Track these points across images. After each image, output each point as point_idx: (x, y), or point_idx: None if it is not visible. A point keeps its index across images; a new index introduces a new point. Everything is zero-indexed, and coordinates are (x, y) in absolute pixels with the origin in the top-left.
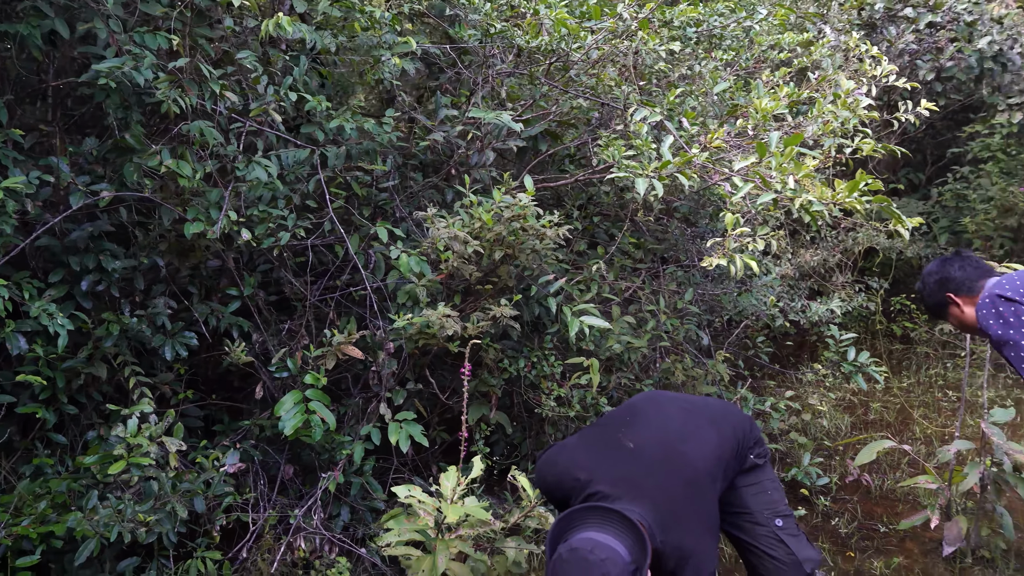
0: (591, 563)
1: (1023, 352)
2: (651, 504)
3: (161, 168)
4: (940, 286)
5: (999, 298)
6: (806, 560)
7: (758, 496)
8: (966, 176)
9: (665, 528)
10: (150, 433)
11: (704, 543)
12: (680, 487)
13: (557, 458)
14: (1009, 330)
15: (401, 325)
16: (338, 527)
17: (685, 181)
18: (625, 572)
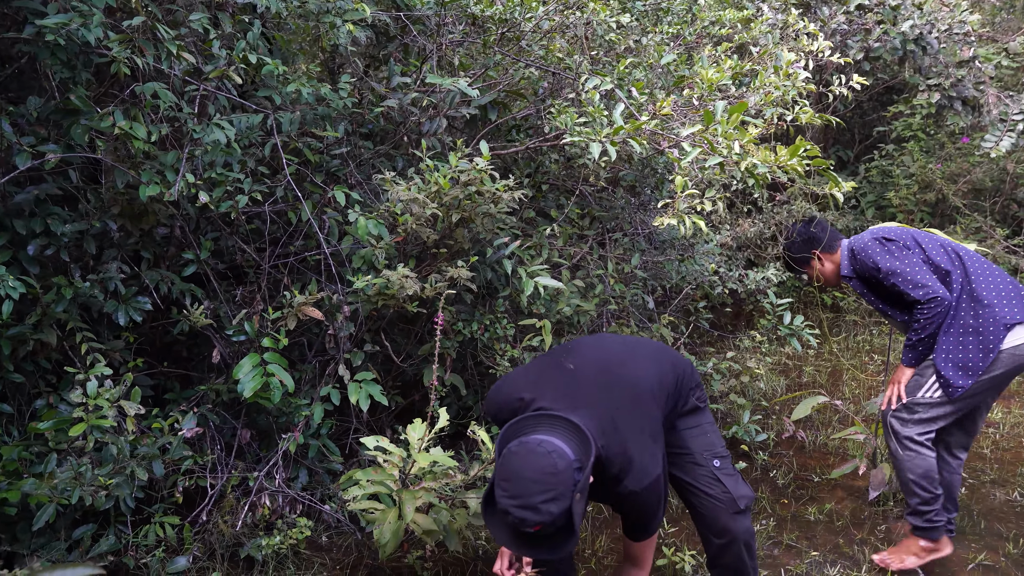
0: (539, 454)
1: (908, 276)
2: (593, 413)
3: (115, 130)
4: (807, 244)
5: (883, 239)
6: (740, 497)
7: (698, 438)
8: (891, 153)
9: (606, 434)
10: (108, 396)
11: (647, 449)
12: (620, 400)
13: (502, 386)
14: (895, 262)
15: (361, 286)
16: (297, 489)
17: (636, 146)
18: (570, 467)
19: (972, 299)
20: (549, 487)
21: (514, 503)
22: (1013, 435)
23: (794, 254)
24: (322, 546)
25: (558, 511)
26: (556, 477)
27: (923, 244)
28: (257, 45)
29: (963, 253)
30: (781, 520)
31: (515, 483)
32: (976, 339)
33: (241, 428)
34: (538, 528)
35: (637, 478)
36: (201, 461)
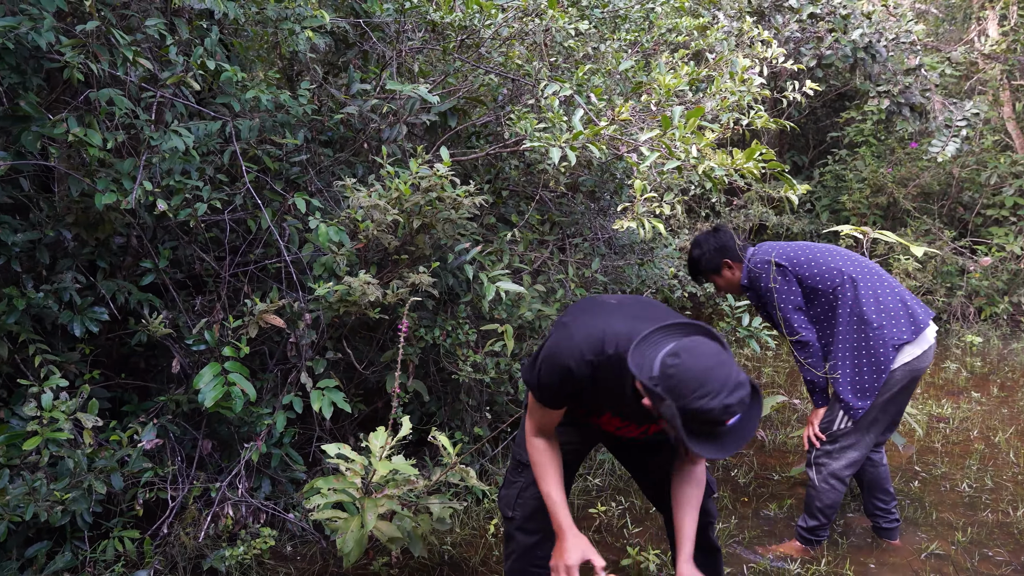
0: (701, 349)
1: (784, 313)
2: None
3: (68, 137)
4: (719, 253)
5: (777, 264)
6: (712, 481)
7: None
8: (844, 158)
9: None
10: (64, 409)
11: None
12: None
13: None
14: (779, 293)
15: (323, 293)
16: (260, 498)
17: (596, 151)
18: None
19: (861, 322)
20: (726, 361)
21: (725, 395)
22: (962, 429)
23: (706, 264)
24: (286, 556)
25: (754, 384)
26: (727, 357)
27: (811, 271)
28: (215, 51)
29: (858, 275)
30: (742, 518)
31: (711, 379)
32: (869, 361)
33: (202, 439)
34: (743, 408)
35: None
36: (162, 473)
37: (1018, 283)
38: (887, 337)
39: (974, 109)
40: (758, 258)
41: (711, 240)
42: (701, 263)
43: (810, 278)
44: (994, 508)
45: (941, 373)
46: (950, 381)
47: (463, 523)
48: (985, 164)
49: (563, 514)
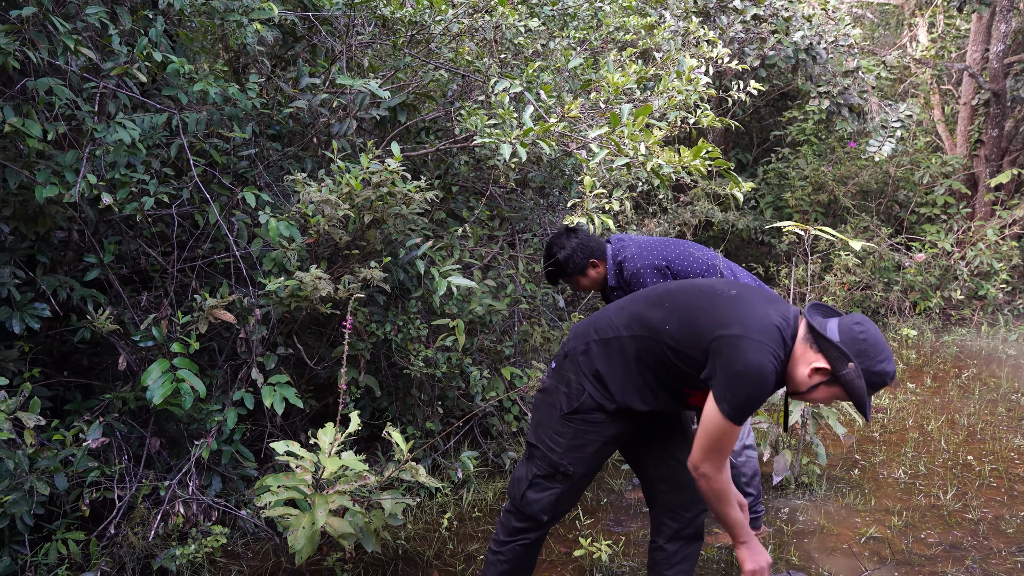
0: (871, 323)
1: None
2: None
3: (5, 127)
4: (585, 253)
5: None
6: None
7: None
8: (786, 156)
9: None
10: (4, 408)
11: None
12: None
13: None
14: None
15: (273, 288)
16: (211, 496)
17: (546, 148)
18: None
19: None
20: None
21: (890, 363)
22: (898, 419)
23: (573, 265)
24: (239, 553)
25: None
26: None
27: (683, 265)
28: (159, 42)
29: (717, 263)
30: None
31: (886, 347)
32: None
33: (150, 437)
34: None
35: None
36: (108, 472)
37: (948, 278)
38: None
39: (907, 111)
40: (635, 264)
41: (572, 240)
42: (569, 265)
43: (683, 273)
44: (927, 493)
45: None
46: None
47: (416, 518)
48: (918, 164)
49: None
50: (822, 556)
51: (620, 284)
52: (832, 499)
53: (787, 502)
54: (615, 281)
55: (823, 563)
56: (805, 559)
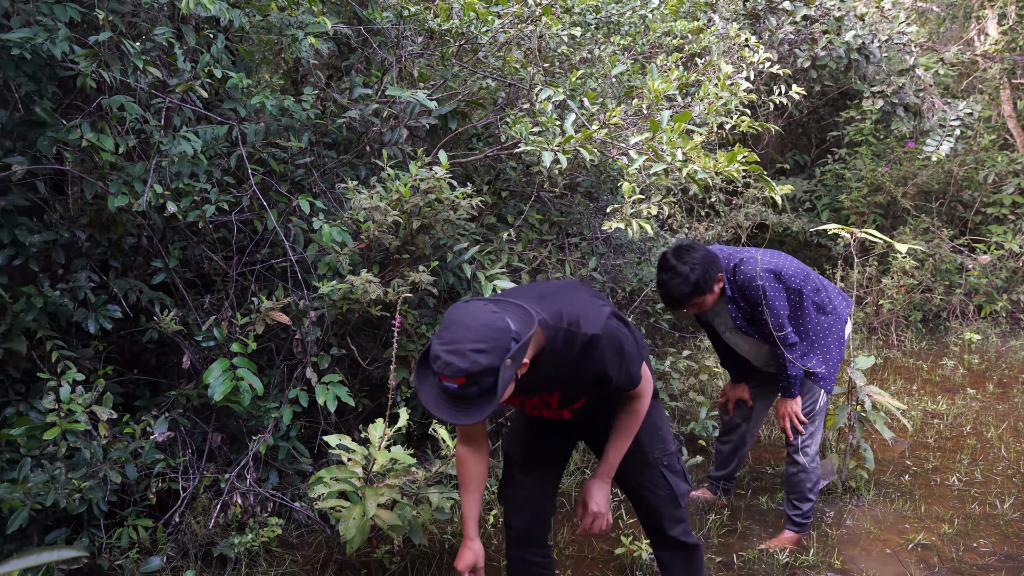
0: (484, 310)
1: (780, 319)
2: (535, 298)
3: (82, 142)
4: (715, 267)
5: (776, 273)
6: (682, 495)
7: (650, 435)
8: (843, 157)
9: (549, 306)
10: (81, 402)
11: (591, 304)
12: (549, 287)
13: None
14: (778, 300)
15: (326, 291)
16: (268, 489)
17: (586, 155)
18: (508, 332)
19: (820, 309)
20: (483, 338)
21: (446, 348)
22: (955, 425)
23: (702, 285)
24: (293, 544)
25: (485, 363)
26: (493, 331)
27: (789, 273)
28: (221, 58)
29: (810, 271)
30: (736, 510)
31: (453, 329)
32: (835, 339)
33: (212, 432)
34: (462, 381)
35: (592, 324)
36: (173, 464)
37: (1017, 281)
38: (841, 314)
39: (967, 109)
40: (750, 271)
41: (695, 256)
42: (704, 284)
43: (788, 279)
44: (982, 501)
45: (938, 370)
46: (947, 378)
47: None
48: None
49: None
50: (867, 561)
51: (734, 293)
52: (880, 504)
53: (833, 506)
54: (731, 290)
55: (868, 568)
56: (849, 563)
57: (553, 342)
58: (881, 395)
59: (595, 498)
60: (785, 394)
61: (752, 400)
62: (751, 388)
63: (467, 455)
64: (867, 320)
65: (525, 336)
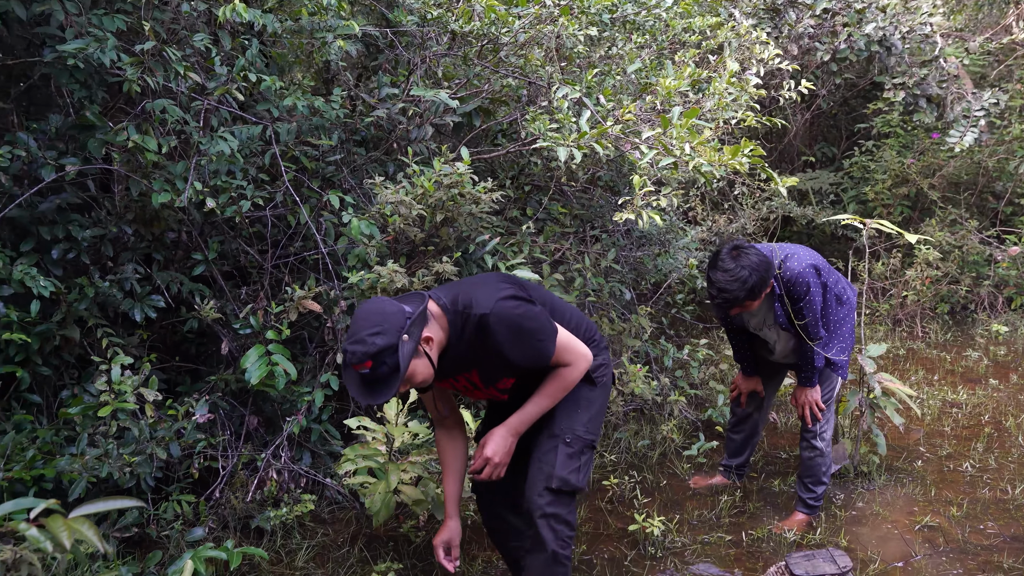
0: (372, 303)
1: (816, 314)
2: (442, 288)
3: (129, 143)
4: (769, 274)
5: (816, 268)
6: (556, 476)
7: (564, 407)
8: (870, 149)
9: (449, 291)
10: (130, 384)
11: (489, 284)
12: (466, 279)
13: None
14: (816, 295)
15: (355, 281)
16: (295, 475)
17: (600, 150)
18: (400, 313)
19: (838, 300)
20: (375, 324)
21: (350, 340)
22: (974, 414)
23: (756, 288)
24: (325, 519)
25: (382, 343)
26: (382, 316)
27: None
28: (255, 61)
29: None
30: (748, 492)
31: (354, 323)
32: (849, 327)
33: (248, 414)
34: (370, 364)
35: (483, 304)
36: (214, 443)
37: None
38: (852, 302)
39: (992, 99)
40: (798, 265)
41: (750, 259)
42: (757, 289)
43: (822, 274)
44: (993, 486)
45: (962, 361)
46: (970, 369)
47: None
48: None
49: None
50: (873, 541)
51: (781, 290)
52: (891, 488)
53: (844, 489)
54: (779, 288)
55: (873, 548)
56: (855, 543)
57: (454, 325)
58: (892, 382)
59: (491, 444)
60: (805, 383)
61: (763, 390)
62: (762, 379)
63: (444, 439)
64: (891, 312)
65: (417, 312)
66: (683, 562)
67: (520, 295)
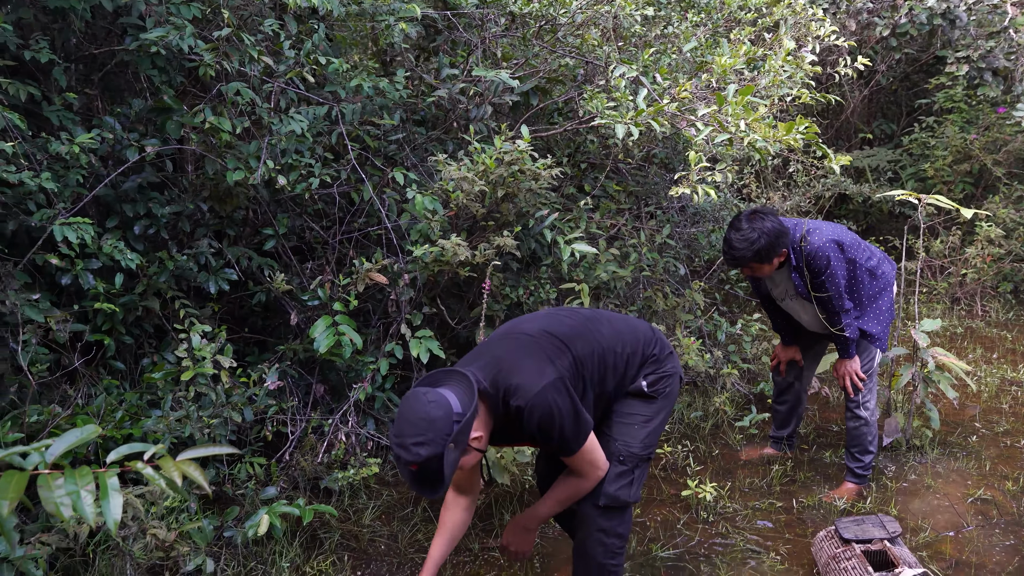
0: (421, 402)
1: (840, 288)
2: (483, 363)
3: (206, 125)
4: (781, 243)
5: (838, 244)
6: (604, 494)
7: (625, 428)
8: (931, 125)
9: (491, 372)
10: (208, 350)
11: (530, 368)
12: (508, 343)
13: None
14: (840, 269)
15: (420, 254)
16: (362, 439)
17: (657, 127)
18: (448, 418)
19: (871, 274)
20: (420, 432)
21: (395, 440)
22: None
23: (766, 251)
24: (389, 482)
25: (427, 454)
26: (430, 424)
27: (847, 242)
28: (320, 44)
29: (860, 240)
30: (799, 463)
31: (398, 424)
32: (886, 301)
33: (315, 382)
34: (415, 468)
35: (521, 394)
36: (284, 408)
37: None
38: (888, 277)
39: None
40: (819, 240)
41: (766, 224)
42: (764, 253)
43: (847, 249)
44: None
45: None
46: None
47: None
48: None
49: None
50: (924, 511)
51: (799, 262)
52: (944, 461)
53: (896, 462)
54: (796, 259)
55: (924, 518)
56: (905, 512)
57: (495, 408)
58: (946, 356)
59: (508, 534)
60: (843, 355)
61: (802, 359)
62: (801, 348)
63: (452, 502)
64: (949, 290)
65: (466, 416)
66: (734, 526)
67: (562, 381)
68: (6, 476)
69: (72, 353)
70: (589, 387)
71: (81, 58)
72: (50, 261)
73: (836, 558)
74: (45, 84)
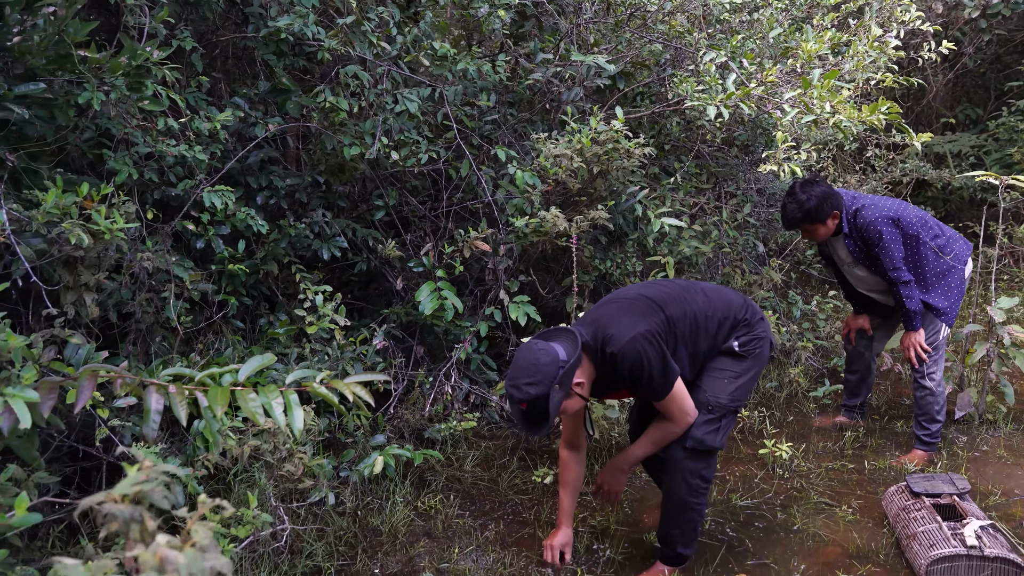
0: (531, 350)
1: (893, 260)
2: (589, 321)
3: (325, 104)
4: (831, 203)
5: (893, 220)
6: (691, 437)
7: (716, 381)
8: (1020, 109)
9: (592, 327)
10: (327, 309)
11: (623, 321)
12: (611, 308)
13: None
14: (893, 243)
15: (520, 225)
16: (461, 395)
17: (746, 109)
18: (554, 363)
19: (938, 252)
20: (530, 375)
21: (508, 383)
22: None
23: (814, 213)
24: (485, 435)
25: (535, 393)
26: (538, 368)
27: (906, 218)
28: (426, 30)
29: (922, 214)
30: (870, 431)
31: (512, 369)
32: (956, 277)
33: (416, 344)
34: (525, 406)
35: (615, 342)
36: (391, 365)
37: None
38: (961, 256)
39: None
40: (871, 214)
41: (817, 189)
42: (819, 212)
43: (906, 226)
44: None
45: None
46: None
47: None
48: None
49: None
50: (995, 478)
51: (852, 232)
52: (1017, 436)
53: (968, 434)
54: (848, 228)
55: (994, 483)
56: (975, 477)
57: (595, 358)
58: (1023, 333)
59: (603, 474)
60: (908, 327)
61: (873, 330)
62: (872, 319)
63: (568, 458)
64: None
65: (570, 363)
66: (808, 482)
67: (652, 333)
68: (212, 390)
69: (203, 311)
70: (681, 344)
71: (207, 45)
72: (187, 227)
73: (906, 508)
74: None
